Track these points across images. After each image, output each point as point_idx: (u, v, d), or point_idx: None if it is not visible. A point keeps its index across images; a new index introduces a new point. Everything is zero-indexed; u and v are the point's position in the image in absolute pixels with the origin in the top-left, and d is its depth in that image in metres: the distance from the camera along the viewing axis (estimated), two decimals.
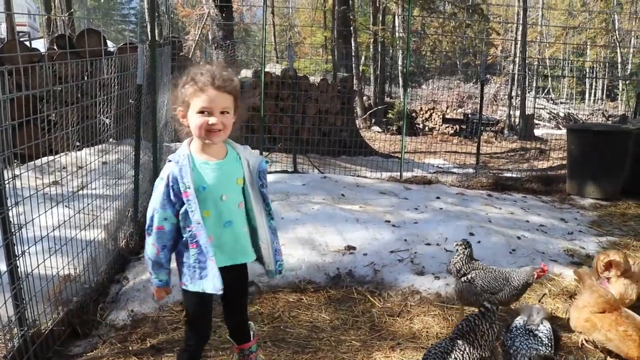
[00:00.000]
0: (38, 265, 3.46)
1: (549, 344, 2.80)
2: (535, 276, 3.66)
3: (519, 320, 2.98)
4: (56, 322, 3.60)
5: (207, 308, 2.74)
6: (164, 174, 2.47)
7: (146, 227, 2.54)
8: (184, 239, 2.51)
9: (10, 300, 3.19)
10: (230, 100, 2.47)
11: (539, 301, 4.34)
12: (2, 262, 3.14)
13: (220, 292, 2.46)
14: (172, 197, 2.46)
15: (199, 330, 2.74)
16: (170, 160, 2.49)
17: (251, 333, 2.96)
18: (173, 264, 2.62)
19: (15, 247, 3.20)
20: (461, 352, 2.83)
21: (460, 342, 2.86)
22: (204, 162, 2.51)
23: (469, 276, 3.81)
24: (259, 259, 2.77)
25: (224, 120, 2.45)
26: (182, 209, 2.46)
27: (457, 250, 3.96)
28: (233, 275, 2.64)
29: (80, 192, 4.67)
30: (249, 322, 3.00)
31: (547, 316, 2.97)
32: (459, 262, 3.89)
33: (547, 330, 2.90)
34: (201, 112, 2.42)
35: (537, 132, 22.38)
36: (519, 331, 2.95)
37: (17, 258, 3.20)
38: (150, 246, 2.52)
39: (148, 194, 4.66)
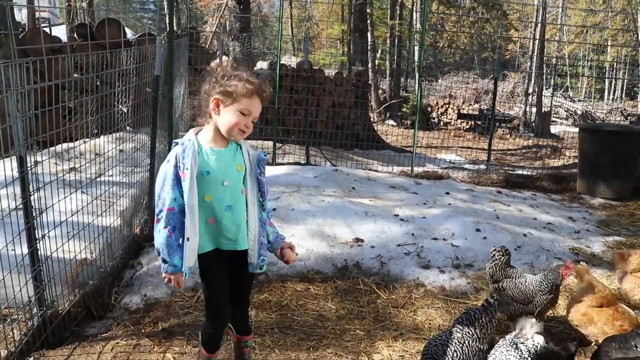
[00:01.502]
0: (57, 248, 3.62)
1: (528, 358, 2.77)
2: (562, 275, 3.54)
3: (510, 334, 3.00)
4: (73, 303, 3.76)
5: (220, 288, 2.78)
6: (171, 156, 2.59)
7: (156, 212, 2.61)
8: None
9: (31, 281, 3.35)
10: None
11: None
12: (24, 244, 3.30)
13: (186, 274, 2.56)
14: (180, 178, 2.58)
15: (215, 310, 2.81)
16: (177, 144, 2.63)
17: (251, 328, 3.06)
18: None
19: (36, 230, 3.36)
20: (461, 344, 2.93)
21: (460, 334, 2.96)
22: (209, 149, 2.63)
23: (501, 284, 3.78)
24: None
25: (252, 125, 2.65)
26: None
27: (494, 256, 3.89)
28: (238, 260, 2.74)
29: (98, 179, 4.82)
30: (249, 317, 3.08)
31: (542, 331, 2.92)
32: (493, 268, 3.85)
33: (532, 345, 2.87)
34: (243, 113, 2.59)
35: (554, 129, 22.18)
36: (504, 342, 2.98)
37: (37, 241, 3.36)
38: (163, 230, 2.57)
39: None
